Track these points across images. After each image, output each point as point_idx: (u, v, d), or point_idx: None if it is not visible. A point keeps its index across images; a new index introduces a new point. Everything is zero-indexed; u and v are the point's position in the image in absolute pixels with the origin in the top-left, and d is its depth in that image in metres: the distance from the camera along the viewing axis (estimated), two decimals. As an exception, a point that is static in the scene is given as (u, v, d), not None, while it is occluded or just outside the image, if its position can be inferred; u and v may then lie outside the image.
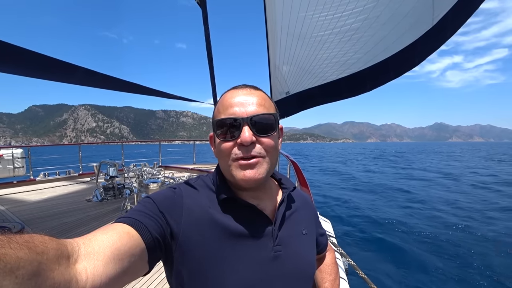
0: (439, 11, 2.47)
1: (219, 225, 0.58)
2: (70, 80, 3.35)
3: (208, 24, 2.78)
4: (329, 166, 26.16)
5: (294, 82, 3.26)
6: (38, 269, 0.29)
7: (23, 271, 0.27)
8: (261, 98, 0.61)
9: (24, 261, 0.28)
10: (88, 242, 0.40)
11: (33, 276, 0.28)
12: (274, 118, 0.61)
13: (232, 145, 0.58)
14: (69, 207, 4.32)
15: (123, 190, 4.94)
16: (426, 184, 13.41)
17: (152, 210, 0.54)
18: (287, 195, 0.69)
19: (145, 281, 2.22)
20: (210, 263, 0.55)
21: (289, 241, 0.63)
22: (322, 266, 0.85)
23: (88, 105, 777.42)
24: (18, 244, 0.28)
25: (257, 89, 0.63)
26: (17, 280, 0.26)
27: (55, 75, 3.10)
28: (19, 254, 0.27)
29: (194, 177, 0.71)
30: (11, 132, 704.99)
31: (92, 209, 4.26)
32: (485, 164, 26.54)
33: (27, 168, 6.18)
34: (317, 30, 2.84)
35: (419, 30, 2.63)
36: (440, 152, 59.75)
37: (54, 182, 6.32)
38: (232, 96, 0.60)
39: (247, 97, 0.59)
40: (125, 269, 0.42)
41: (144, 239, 0.47)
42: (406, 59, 2.82)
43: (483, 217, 7.30)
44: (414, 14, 2.56)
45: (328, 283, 0.82)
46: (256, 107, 0.58)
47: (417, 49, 2.72)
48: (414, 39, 2.68)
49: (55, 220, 3.66)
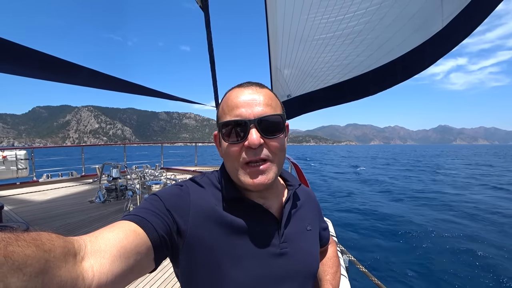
0: (449, 13, 2.38)
1: (225, 223, 0.58)
2: (74, 80, 3.35)
3: (210, 27, 2.79)
4: (364, 175, 20.93)
5: (296, 85, 3.25)
6: (45, 266, 0.29)
7: (30, 268, 0.27)
8: (267, 97, 0.59)
9: (32, 258, 0.28)
10: (94, 240, 0.40)
11: (40, 274, 0.28)
12: (282, 119, 0.59)
13: (239, 148, 0.56)
14: (72, 208, 4.35)
15: (125, 192, 4.97)
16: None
17: (159, 208, 0.54)
18: (293, 193, 0.68)
19: (150, 279, 2.23)
20: (217, 260, 0.55)
21: (294, 238, 0.64)
22: (324, 259, 0.86)
23: (91, 106, 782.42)
24: (25, 241, 0.29)
25: (263, 86, 0.61)
26: (25, 277, 0.27)
27: (58, 76, 3.07)
28: (27, 252, 0.28)
29: (198, 175, 0.71)
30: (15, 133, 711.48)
31: (95, 210, 4.29)
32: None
33: (30, 170, 6.24)
34: (318, 32, 2.82)
35: (427, 32, 2.54)
36: (464, 156, 55.83)
37: (57, 184, 6.37)
38: (237, 96, 0.58)
39: (253, 96, 0.57)
40: (131, 267, 0.42)
41: (150, 238, 0.47)
42: (414, 61, 2.74)
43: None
44: (421, 16, 2.49)
45: (330, 276, 0.82)
46: (263, 107, 0.56)
47: (425, 52, 2.63)
48: (421, 41, 2.59)
49: (58, 221, 3.69)
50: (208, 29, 2.79)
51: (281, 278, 0.59)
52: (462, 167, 26.68)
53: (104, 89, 3.94)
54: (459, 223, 7.26)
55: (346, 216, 8.29)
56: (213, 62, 2.97)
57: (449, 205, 9.55)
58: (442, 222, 7.36)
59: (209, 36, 2.84)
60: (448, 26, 2.43)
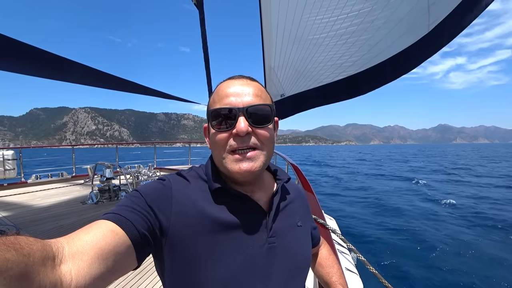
0: (434, 18, 2.50)
1: (210, 217, 0.56)
2: (67, 77, 3.27)
3: (205, 25, 2.80)
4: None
5: (290, 85, 3.27)
6: (25, 270, 0.29)
7: (10, 272, 0.27)
8: (257, 89, 0.60)
9: (12, 262, 0.27)
10: (72, 242, 0.39)
11: (20, 278, 0.28)
12: (270, 109, 0.60)
13: (227, 136, 0.56)
14: (63, 210, 4.26)
15: (118, 192, 4.91)
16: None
17: (140, 205, 0.52)
18: (281, 186, 0.68)
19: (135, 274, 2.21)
20: (201, 256, 0.53)
21: (283, 233, 0.62)
22: (322, 261, 0.85)
23: (89, 108, 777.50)
24: (5, 245, 0.28)
25: (254, 80, 0.62)
26: (5, 281, 0.26)
27: (49, 72, 2.95)
28: (7, 256, 0.27)
29: (186, 168, 0.69)
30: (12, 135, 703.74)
31: (88, 211, 4.22)
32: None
33: (18, 170, 6.07)
34: (312, 33, 2.86)
35: (415, 36, 2.65)
36: (485, 156, 47.31)
37: (47, 185, 6.22)
38: (228, 86, 0.59)
39: (243, 87, 0.58)
40: (110, 268, 0.41)
41: (130, 236, 0.46)
42: (402, 62, 2.84)
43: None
44: (409, 20, 2.59)
45: (335, 276, 0.81)
46: (252, 97, 0.57)
47: (412, 54, 2.75)
48: (409, 44, 2.70)
49: (49, 223, 3.61)
50: (203, 27, 2.81)
51: (268, 273, 0.57)
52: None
53: (98, 87, 3.90)
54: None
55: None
56: (208, 59, 2.98)
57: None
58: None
59: (204, 34, 2.86)
60: (434, 31, 2.55)
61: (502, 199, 10.52)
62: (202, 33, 2.84)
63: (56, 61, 2.57)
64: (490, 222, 7.45)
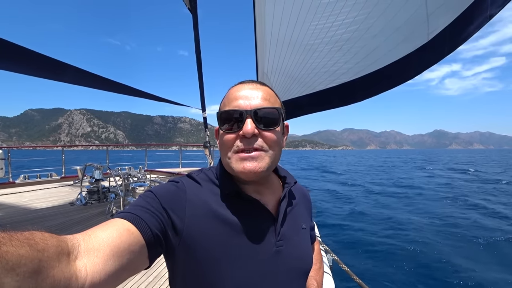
0: (434, 27, 2.47)
1: (222, 220, 0.58)
2: (60, 78, 3.26)
3: (198, 30, 2.79)
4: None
5: (282, 91, 3.23)
6: (38, 266, 0.29)
7: (24, 268, 0.27)
8: (266, 93, 0.61)
9: (25, 258, 0.28)
10: (88, 239, 0.40)
11: (34, 274, 0.28)
12: (278, 113, 0.61)
13: (234, 137, 0.58)
14: (51, 211, 4.19)
15: (108, 194, 4.82)
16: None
17: (154, 206, 0.53)
18: (288, 191, 0.69)
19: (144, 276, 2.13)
20: (213, 258, 0.55)
21: (290, 237, 0.65)
22: None
23: (84, 110, 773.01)
24: (19, 241, 0.29)
25: (264, 84, 0.64)
26: (18, 277, 0.27)
27: (43, 72, 3.01)
28: (21, 252, 0.28)
29: (195, 170, 0.71)
30: (5, 136, 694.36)
31: (76, 213, 4.14)
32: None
33: (6, 170, 5.98)
34: (307, 38, 2.85)
35: (413, 44, 2.62)
36: (497, 160, 44.30)
37: (35, 185, 6.13)
38: (237, 90, 0.61)
39: (252, 91, 0.60)
40: (124, 265, 0.42)
41: (144, 236, 0.47)
42: (400, 71, 2.81)
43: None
44: (407, 29, 2.57)
45: (314, 272, 0.84)
46: (261, 101, 0.59)
47: (411, 62, 2.71)
48: (407, 53, 2.67)
49: (36, 224, 3.53)
50: (196, 31, 2.80)
51: (277, 275, 0.59)
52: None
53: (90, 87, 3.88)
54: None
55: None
56: (200, 64, 2.96)
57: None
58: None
59: (197, 38, 2.85)
60: (434, 40, 2.51)
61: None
62: (195, 38, 2.84)
63: (50, 63, 2.60)
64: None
